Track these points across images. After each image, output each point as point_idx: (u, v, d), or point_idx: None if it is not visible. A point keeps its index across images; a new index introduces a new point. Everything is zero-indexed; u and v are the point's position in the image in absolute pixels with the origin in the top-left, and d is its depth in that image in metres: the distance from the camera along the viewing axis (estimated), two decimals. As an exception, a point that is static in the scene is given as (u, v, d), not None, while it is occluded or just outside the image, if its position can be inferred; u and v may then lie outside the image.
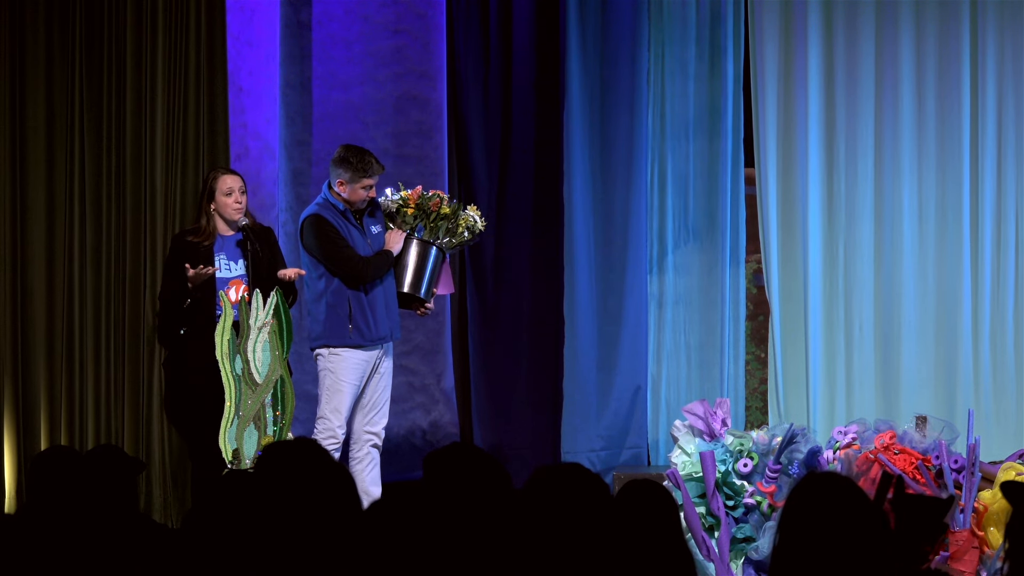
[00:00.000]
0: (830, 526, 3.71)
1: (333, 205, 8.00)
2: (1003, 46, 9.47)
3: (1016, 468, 7.35)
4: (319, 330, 8.05)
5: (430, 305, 8.31)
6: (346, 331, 7.98)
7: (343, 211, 8.01)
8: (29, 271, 8.44)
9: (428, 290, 8.22)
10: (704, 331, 9.67)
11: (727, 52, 9.60)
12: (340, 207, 8.00)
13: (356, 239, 8.01)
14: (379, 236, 8.13)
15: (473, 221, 8.30)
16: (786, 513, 3.80)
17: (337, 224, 7.98)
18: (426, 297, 8.23)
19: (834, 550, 3.69)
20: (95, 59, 8.50)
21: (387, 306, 8.09)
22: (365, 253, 8.02)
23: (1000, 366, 9.48)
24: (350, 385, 8.02)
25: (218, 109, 8.54)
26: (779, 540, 3.78)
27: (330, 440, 7.97)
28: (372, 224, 8.13)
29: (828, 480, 3.80)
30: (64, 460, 4.86)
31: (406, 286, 8.17)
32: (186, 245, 8.08)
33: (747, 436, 7.54)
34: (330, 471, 4.04)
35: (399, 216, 8.20)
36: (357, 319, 8.00)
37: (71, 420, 8.44)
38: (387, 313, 8.09)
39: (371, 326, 8.02)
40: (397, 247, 8.12)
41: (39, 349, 8.43)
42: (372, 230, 8.11)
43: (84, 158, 8.49)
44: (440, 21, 9.51)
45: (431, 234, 8.18)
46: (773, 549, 3.83)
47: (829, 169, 9.56)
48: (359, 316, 8.00)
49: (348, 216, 8.02)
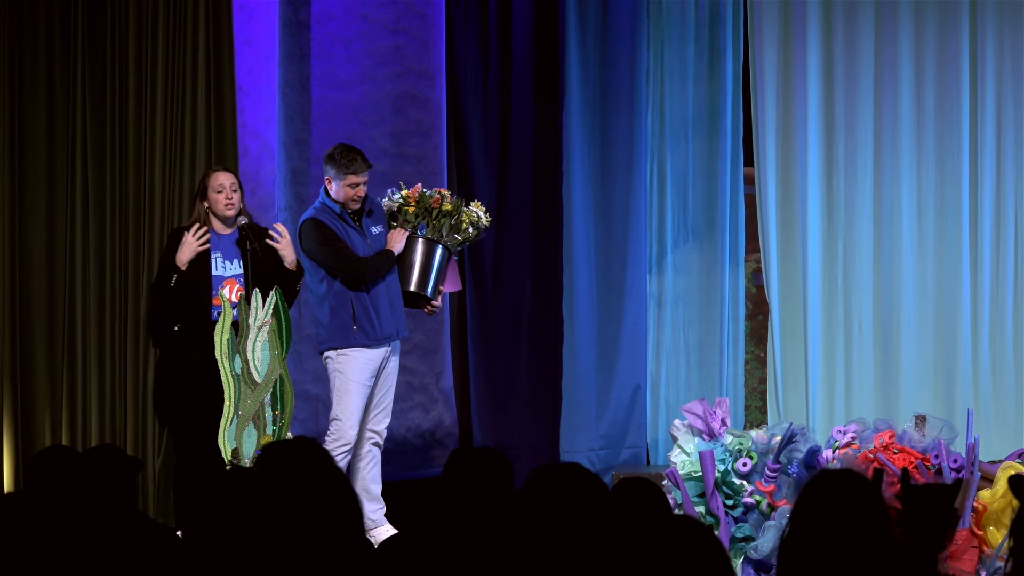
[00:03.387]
0: (842, 522, 3.71)
1: (330, 208, 8.01)
2: (1002, 46, 9.48)
3: (1015, 467, 7.36)
4: (325, 334, 8.05)
5: (437, 303, 8.29)
6: (351, 332, 7.98)
7: (340, 213, 8.01)
8: (29, 271, 8.43)
9: (435, 288, 8.22)
10: (703, 330, 9.68)
11: (726, 52, 9.60)
12: (336, 209, 8.00)
13: (355, 240, 8.01)
14: (380, 236, 8.13)
15: (477, 217, 8.30)
16: (799, 507, 3.79)
17: (335, 226, 7.98)
18: (433, 295, 8.22)
19: (846, 545, 3.69)
20: (97, 58, 8.50)
21: (392, 305, 8.08)
22: (365, 254, 8.02)
23: (999, 365, 9.48)
24: (360, 384, 8.01)
25: (225, 109, 8.53)
26: (789, 532, 3.77)
27: (342, 443, 7.96)
28: (372, 225, 8.13)
29: (843, 477, 3.80)
30: (63, 459, 4.86)
31: (412, 284, 8.17)
32: (183, 240, 8.08)
33: (746, 435, 7.54)
34: (328, 471, 4.04)
35: (401, 215, 8.20)
36: (361, 320, 8.00)
37: (72, 420, 8.43)
38: (392, 312, 8.08)
39: (376, 326, 8.02)
40: (399, 246, 8.12)
41: (39, 349, 8.42)
42: (372, 231, 8.11)
43: (86, 157, 8.48)
44: (439, 20, 9.51)
45: (434, 232, 8.18)
46: (782, 540, 3.82)
47: (828, 169, 9.56)
48: (363, 317, 8.00)
49: (346, 218, 8.02)
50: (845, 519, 3.71)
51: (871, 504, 3.74)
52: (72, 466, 4.81)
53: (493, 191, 9.55)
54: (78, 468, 4.80)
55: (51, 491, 4.73)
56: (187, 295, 7.98)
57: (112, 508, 4.67)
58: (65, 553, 4.28)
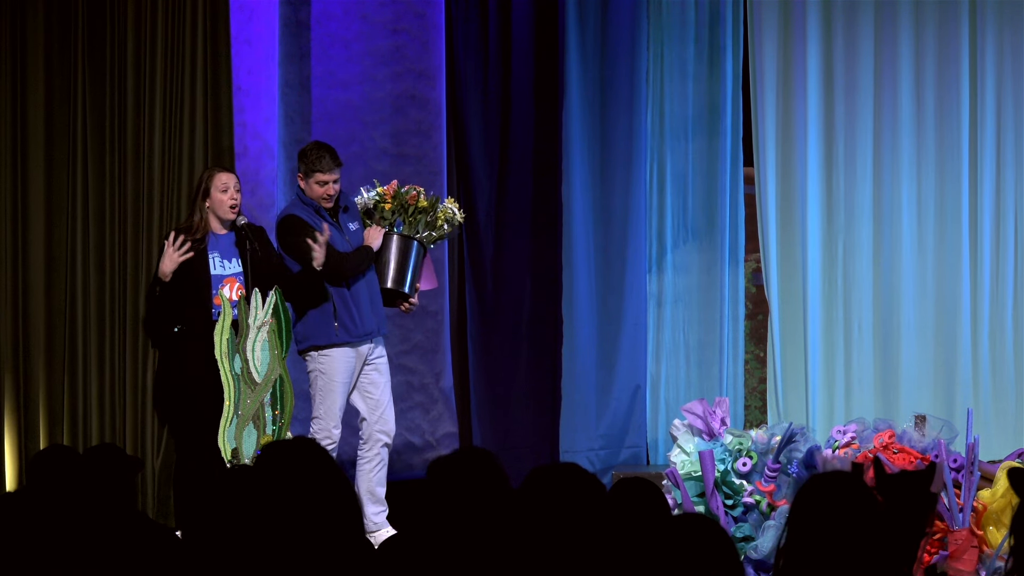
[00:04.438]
0: (838, 526, 3.71)
1: (306, 204, 8.01)
2: (1002, 46, 9.48)
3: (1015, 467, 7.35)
4: (305, 331, 8.04)
5: (414, 300, 8.30)
6: (332, 329, 7.98)
7: (316, 208, 8.00)
8: (30, 271, 8.44)
9: (412, 285, 8.22)
10: (703, 330, 9.68)
11: (726, 52, 9.60)
12: (313, 204, 8.00)
13: (333, 236, 8.00)
14: (357, 233, 8.12)
15: (452, 213, 8.31)
16: (794, 513, 3.79)
17: (312, 221, 7.97)
18: (410, 292, 8.23)
19: (842, 550, 3.68)
20: (97, 59, 8.50)
21: (372, 301, 8.09)
22: (343, 250, 8.01)
23: (999, 365, 9.48)
24: (342, 384, 8.03)
25: (222, 110, 8.54)
26: (786, 540, 3.77)
27: (326, 441, 7.97)
28: (349, 221, 8.12)
29: (837, 480, 3.80)
30: (63, 459, 4.86)
31: (389, 282, 8.17)
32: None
33: (746, 435, 7.54)
34: (328, 470, 4.04)
35: (377, 212, 8.20)
36: (342, 316, 7.99)
37: (73, 420, 8.44)
38: (372, 308, 8.08)
39: (357, 322, 8.01)
40: (376, 243, 8.11)
41: (40, 349, 8.42)
42: (350, 227, 8.11)
43: (86, 158, 8.49)
44: (439, 20, 9.51)
45: (410, 228, 8.19)
46: (779, 549, 3.82)
47: (828, 168, 9.56)
48: (344, 313, 8.00)
49: (322, 213, 8.01)
50: (841, 523, 3.71)
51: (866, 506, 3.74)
52: (72, 466, 4.81)
53: (493, 191, 9.56)
54: (78, 468, 4.80)
55: (51, 491, 4.73)
56: (186, 296, 7.97)
57: (112, 508, 4.66)
58: (65, 553, 4.28)
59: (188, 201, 8.38)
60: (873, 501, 3.76)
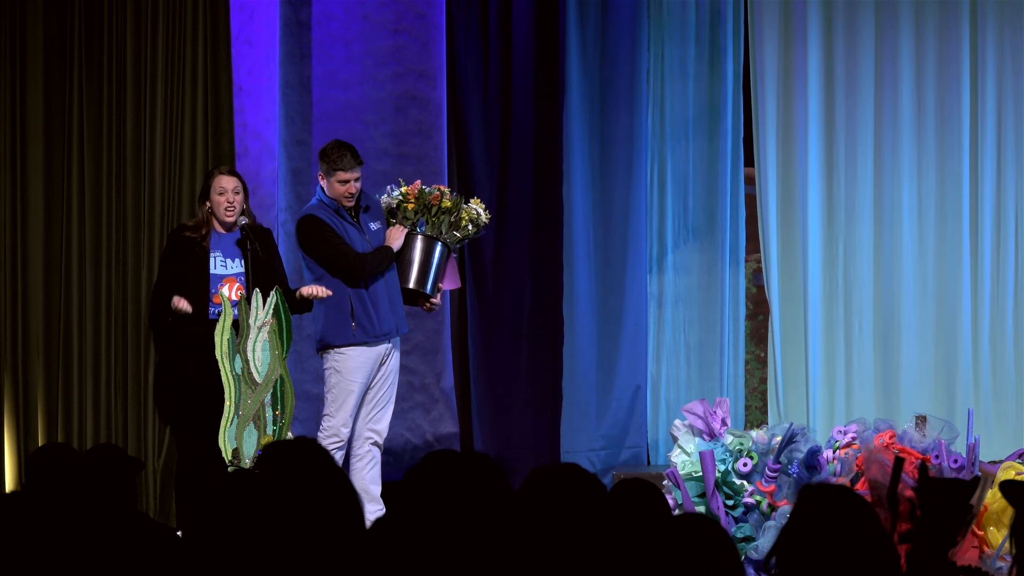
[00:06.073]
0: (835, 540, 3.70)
1: (326, 204, 8.01)
2: (1003, 46, 9.48)
3: (1016, 468, 7.35)
4: (323, 331, 8.04)
5: (436, 300, 8.29)
6: (349, 329, 7.97)
7: (337, 209, 8.00)
8: (29, 271, 8.44)
9: (434, 285, 8.22)
10: (704, 330, 9.68)
11: (727, 52, 9.60)
12: (333, 205, 8.00)
13: (353, 236, 8.00)
14: (379, 233, 8.12)
15: (477, 214, 8.30)
16: (789, 526, 3.78)
17: (332, 222, 7.97)
18: (432, 292, 8.22)
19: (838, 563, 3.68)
20: (94, 59, 8.50)
21: (391, 301, 8.08)
22: (363, 250, 8.01)
23: (1000, 365, 9.48)
24: (358, 384, 8.01)
25: (222, 110, 8.54)
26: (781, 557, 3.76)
27: (334, 440, 7.96)
28: (371, 221, 8.12)
29: (833, 493, 3.79)
30: (60, 457, 4.86)
31: (411, 282, 8.17)
32: (183, 240, 8.06)
33: (747, 435, 7.54)
34: (329, 471, 4.04)
35: (400, 212, 8.20)
36: (360, 316, 7.99)
37: (68, 419, 8.44)
38: (391, 308, 8.07)
39: (375, 322, 8.01)
40: (397, 243, 8.11)
41: (38, 349, 8.42)
42: (371, 227, 8.11)
43: (84, 158, 8.49)
44: (440, 20, 9.51)
45: (433, 228, 8.18)
46: (770, 551, 3.81)
47: (829, 168, 9.56)
48: (362, 313, 7.99)
49: (343, 213, 8.01)
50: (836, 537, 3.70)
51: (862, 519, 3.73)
52: (71, 465, 4.81)
53: (493, 191, 9.55)
54: (78, 468, 4.79)
55: (49, 489, 4.72)
56: (186, 294, 7.97)
57: (112, 508, 4.66)
58: (65, 553, 4.27)
59: (188, 201, 8.40)
60: (870, 514, 3.75)
